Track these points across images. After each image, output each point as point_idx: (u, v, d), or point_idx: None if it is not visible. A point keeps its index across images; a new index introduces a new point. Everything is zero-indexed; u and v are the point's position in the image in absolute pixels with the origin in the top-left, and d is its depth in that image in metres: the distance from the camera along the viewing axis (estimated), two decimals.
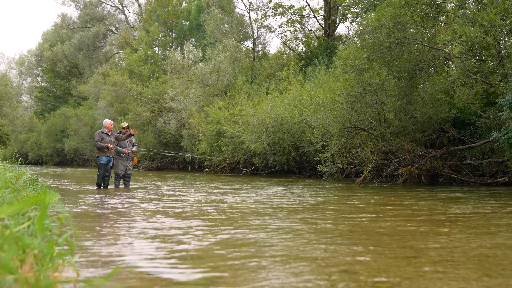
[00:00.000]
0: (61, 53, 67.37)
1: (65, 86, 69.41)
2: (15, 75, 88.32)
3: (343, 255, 4.78)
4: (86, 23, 70.44)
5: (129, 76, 45.00)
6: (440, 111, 17.26)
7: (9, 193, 5.60)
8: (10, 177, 7.21)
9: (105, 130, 15.20)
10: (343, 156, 19.25)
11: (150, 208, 9.09)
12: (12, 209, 2.31)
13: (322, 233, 6.11)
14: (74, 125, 56.55)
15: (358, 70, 16.59)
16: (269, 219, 7.55)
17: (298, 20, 40.93)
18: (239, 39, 43.09)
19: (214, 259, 4.58)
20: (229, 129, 27.70)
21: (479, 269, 4.23)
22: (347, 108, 17.35)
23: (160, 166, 39.78)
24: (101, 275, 3.85)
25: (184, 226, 6.70)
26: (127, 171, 15.60)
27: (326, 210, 8.86)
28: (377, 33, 16.36)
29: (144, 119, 41.03)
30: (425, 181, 17.23)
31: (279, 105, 25.54)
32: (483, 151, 17.53)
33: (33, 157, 64.52)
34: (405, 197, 11.96)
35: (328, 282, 3.75)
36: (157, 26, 50.85)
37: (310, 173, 24.81)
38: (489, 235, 6.05)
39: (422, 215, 8.19)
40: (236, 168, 29.58)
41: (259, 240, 5.57)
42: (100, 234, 6.08)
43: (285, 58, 39.40)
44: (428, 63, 17.39)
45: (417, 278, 3.89)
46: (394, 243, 5.44)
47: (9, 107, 59.54)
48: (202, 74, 36.29)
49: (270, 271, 4.09)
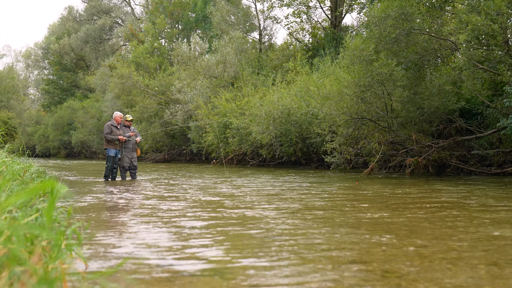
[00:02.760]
0: (68, 45, 67.42)
1: (72, 79, 69.47)
2: (22, 68, 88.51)
3: (351, 245, 4.77)
4: (93, 16, 70.46)
5: (135, 69, 44.99)
6: (448, 103, 17.20)
7: (17, 185, 5.61)
8: (18, 169, 7.22)
9: (114, 123, 15.20)
10: (350, 147, 19.22)
11: (158, 201, 9.10)
12: (20, 199, 2.31)
13: (329, 223, 6.11)
14: (81, 117, 56.64)
15: (366, 61, 16.53)
16: (277, 213, 7.55)
17: (305, 11, 40.81)
18: (246, 30, 43.00)
19: (223, 250, 4.58)
20: (235, 121, 27.69)
21: (488, 259, 4.22)
22: (355, 98, 17.30)
23: (167, 158, 39.82)
24: (110, 266, 3.86)
25: (193, 218, 6.71)
26: (133, 163, 15.58)
27: (335, 200, 8.85)
28: (383, 24, 16.30)
29: (151, 111, 41.07)
30: (432, 172, 17.19)
31: (286, 96, 25.51)
32: (491, 141, 17.47)
33: (40, 150, 64.70)
34: (413, 188, 11.93)
35: (337, 272, 3.75)
36: (163, 18, 50.76)
37: (317, 164, 24.77)
38: (495, 225, 6.03)
39: (430, 203, 8.17)
40: (243, 159, 29.59)
41: (267, 232, 5.57)
42: (108, 226, 6.10)
43: (292, 49, 39.32)
44: (435, 53, 17.31)
45: (425, 268, 3.89)
46: (403, 233, 5.43)
47: (16, 100, 59.55)
48: (209, 66, 36.25)
49: (278, 262, 4.09)
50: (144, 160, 40.22)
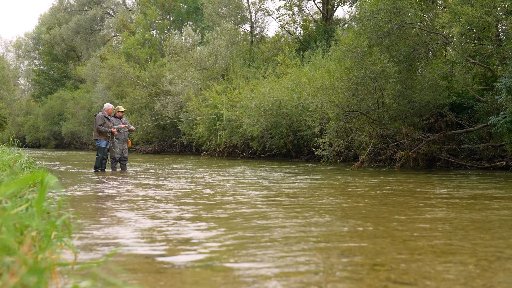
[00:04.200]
0: (59, 36, 67.15)
1: (63, 69, 69.27)
2: (12, 58, 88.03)
3: (340, 237, 4.79)
4: (84, 6, 70.17)
5: (126, 60, 44.86)
6: (439, 97, 17.24)
7: (7, 175, 5.60)
8: (7, 159, 7.20)
9: (106, 114, 15.14)
10: (340, 139, 19.26)
11: (148, 192, 9.10)
12: (9, 189, 2.30)
13: (320, 215, 6.13)
14: (72, 108, 56.52)
15: (359, 56, 16.53)
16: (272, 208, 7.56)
17: (296, 4, 40.79)
18: (237, 22, 42.93)
19: (212, 241, 4.59)
20: (226, 112, 27.68)
21: (477, 253, 4.24)
22: (346, 93, 17.32)
23: (158, 149, 39.79)
24: (99, 257, 3.86)
25: (182, 209, 6.71)
26: (124, 154, 15.52)
27: (324, 193, 8.87)
28: (375, 18, 16.29)
29: (141, 103, 40.98)
30: (422, 165, 17.26)
31: (277, 88, 25.52)
32: (481, 135, 17.56)
33: (30, 140, 64.58)
34: (402, 180, 11.98)
35: (326, 264, 3.76)
36: (154, 9, 50.59)
37: (308, 157, 24.82)
38: (487, 223, 6.07)
39: (421, 197, 8.21)
40: (234, 151, 29.62)
41: (258, 223, 5.58)
42: (97, 217, 6.09)
43: (283, 41, 39.29)
44: (426, 47, 17.34)
45: (414, 261, 3.91)
46: (393, 226, 5.45)
47: (6, 90, 59.39)
48: (200, 58, 36.21)
49: (268, 252, 4.10)
50: (134, 151, 40.17)
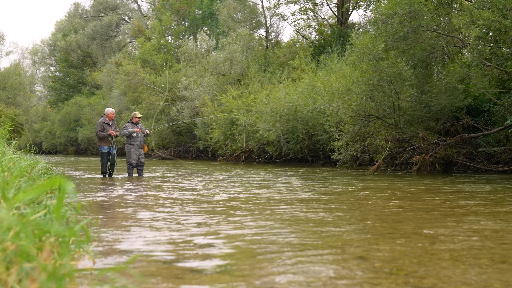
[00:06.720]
0: (75, 42, 67.57)
1: (79, 76, 69.69)
2: (29, 64, 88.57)
3: (358, 242, 4.77)
4: (99, 12, 70.59)
5: (142, 65, 45.02)
6: (455, 100, 17.12)
7: (25, 182, 5.63)
8: (25, 166, 7.24)
9: (106, 120, 15.20)
10: (357, 144, 19.19)
11: (165, 197, 9.11)
12: (28, 195, 2.31)
13: (337, 221, 6.10)
14: (88, 114, 56.80)
15: (375, 59, 16.48)
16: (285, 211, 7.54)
17: (311, 8, 40.79)
18: (252, 27, 42.99)
19: (231, 247, 4.58)
20: (242, 117, 27.68)
21: (496, 258, 4.20)
22: (364, 98, 17.26)
23: (174, 154, 39.84)
24: (117, 263, 3.87)
25: (199, 215, 6.71)
26: (140, 160, 15.57)
27: (342, 198, 8.84)
28: (391, 21, 16.23)
29: (157, 108, 41.10)
30: (439, 169, 17.15)
31: (293, 93, 25.50)
32: (498, 139, 17.41)
33: (47, 147, 64.97)
34: (419, 185, 11.91)
35: (345, 269, 3.74)
36: (169, 15, 50.80)
37: (324, 161, 24.75)
38: (506, 222, 6.02)
39: (437, 202, 8.16)
40: (250, 156, 29.61)
41: (274, 231, 5.57)
42: (115, 222, 6.11)
43: (298, 46, 39.27)
44: (443, 50, 17.24)
45: (433, 266, 3.88)
46: (409, 231, 5.42)
47: (22, 96, 59.72)
48: (216, 63, 36.26)
49: (285, 259, 4.09)
50: (150, 157, 40.29)
